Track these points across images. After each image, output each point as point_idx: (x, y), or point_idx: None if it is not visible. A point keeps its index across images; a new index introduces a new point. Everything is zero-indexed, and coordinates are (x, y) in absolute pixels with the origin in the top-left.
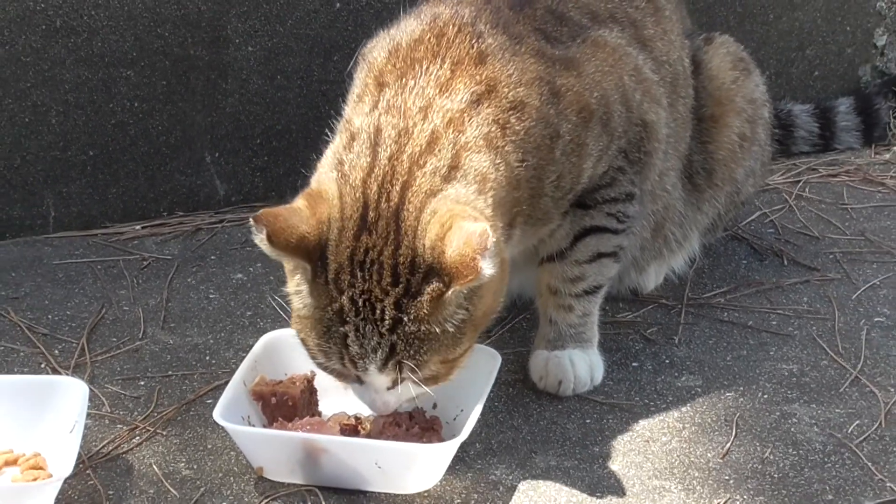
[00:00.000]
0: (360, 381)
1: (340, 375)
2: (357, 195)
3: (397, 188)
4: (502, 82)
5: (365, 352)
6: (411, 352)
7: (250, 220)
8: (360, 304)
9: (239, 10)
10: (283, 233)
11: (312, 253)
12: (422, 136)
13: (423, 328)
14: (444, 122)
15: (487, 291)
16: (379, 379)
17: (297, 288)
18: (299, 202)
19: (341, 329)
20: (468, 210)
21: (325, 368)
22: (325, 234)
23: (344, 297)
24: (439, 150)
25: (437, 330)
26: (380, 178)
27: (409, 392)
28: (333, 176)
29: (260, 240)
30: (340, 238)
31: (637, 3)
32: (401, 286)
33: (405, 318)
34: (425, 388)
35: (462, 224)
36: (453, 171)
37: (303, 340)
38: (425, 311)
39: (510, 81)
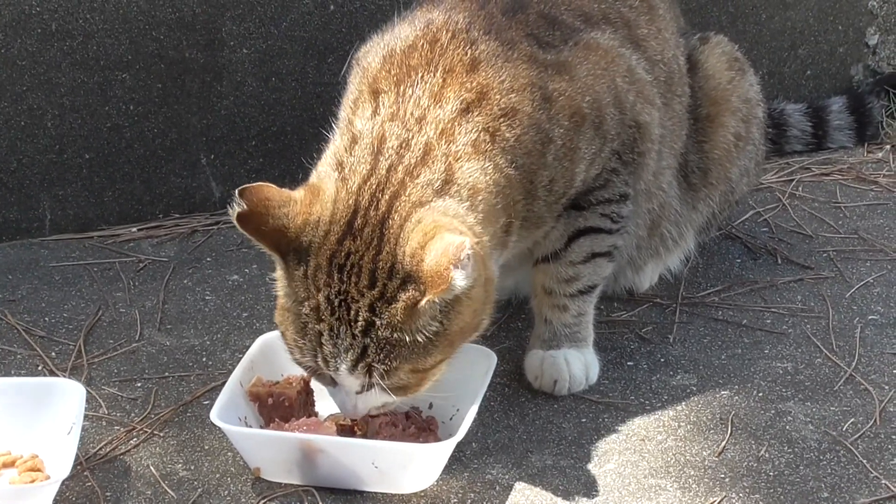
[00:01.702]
0: (333, 382)
1: (315, 373)
2: (350, 201)
3: (387, 197)
4: (494, 89)
5: (337, 351)
6: (381, 356)
7: (236, 191)
8: (336, 304)
9: (233, 12)
10: (259, 217)
11: (283, 247)
12: (417, 147)
13: (395, 335)
14: (437, 133)
15: (467, 308)
16: (349, 380)
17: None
18: (299, 194)
19: (316, 327)
20: (455, 223)
21: (300, 364)
22: (309, 234)
23: (320, 296)
24: (433, 163)
25: (408, 339)
26: (373, 187)
27: (378, 399)
28: (335, 176)
29: (232, 213)
30: (324, 240)
31: (630, 2)
32: (376, 290)
33: (378, 322)
34: (394, 396)
35: (445, 235)
36: (447, 186)
37: (283, 334)
38: (399, 317)
39: (502, 88)
